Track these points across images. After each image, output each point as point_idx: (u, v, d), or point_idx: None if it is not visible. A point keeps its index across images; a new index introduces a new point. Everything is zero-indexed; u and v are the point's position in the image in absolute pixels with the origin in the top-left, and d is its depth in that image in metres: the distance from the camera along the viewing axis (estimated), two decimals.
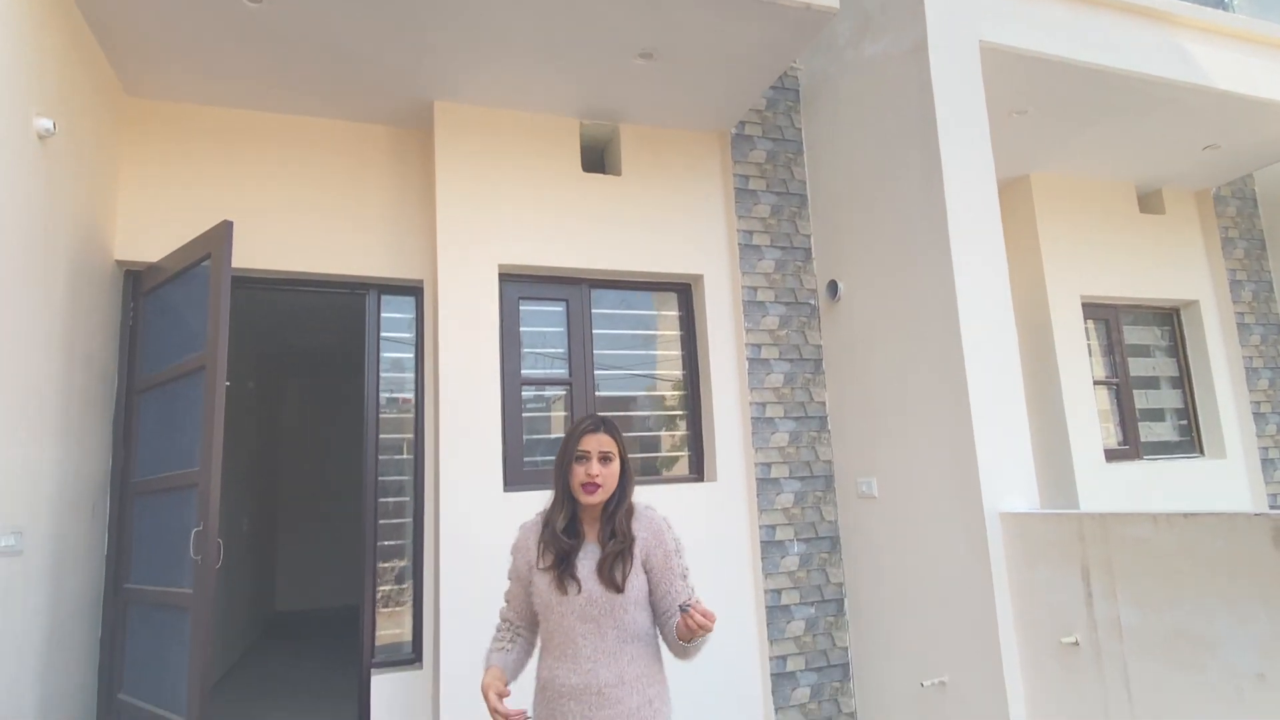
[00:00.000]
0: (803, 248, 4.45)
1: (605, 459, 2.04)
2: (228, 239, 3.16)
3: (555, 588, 1.99)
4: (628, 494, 2.10)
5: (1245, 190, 5.97)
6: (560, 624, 1.99)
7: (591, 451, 2.04)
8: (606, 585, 1.96)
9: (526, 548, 2.12)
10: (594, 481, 2.01)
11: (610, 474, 2.04)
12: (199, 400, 3.18)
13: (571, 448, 2.07)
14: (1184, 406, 5.59)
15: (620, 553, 2.00)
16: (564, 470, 2.07)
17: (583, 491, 2.03)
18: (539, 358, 4.15)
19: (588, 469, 2.02)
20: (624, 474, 2.08)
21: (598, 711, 1.94)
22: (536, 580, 2.05)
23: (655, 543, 2.05)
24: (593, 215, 4.13)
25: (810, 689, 4.00)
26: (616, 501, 2.07)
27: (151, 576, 3.38)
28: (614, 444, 2.07)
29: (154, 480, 3.45)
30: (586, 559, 2.01)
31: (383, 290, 4.10)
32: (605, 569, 1.98)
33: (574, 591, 1.97)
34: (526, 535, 2.15)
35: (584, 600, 1.97)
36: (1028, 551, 3.17)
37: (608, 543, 2.02)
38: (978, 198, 3.59)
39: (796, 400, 4.28)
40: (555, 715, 1.98)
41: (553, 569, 2.01)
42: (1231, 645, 2.42)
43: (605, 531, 2.04)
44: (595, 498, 2.03)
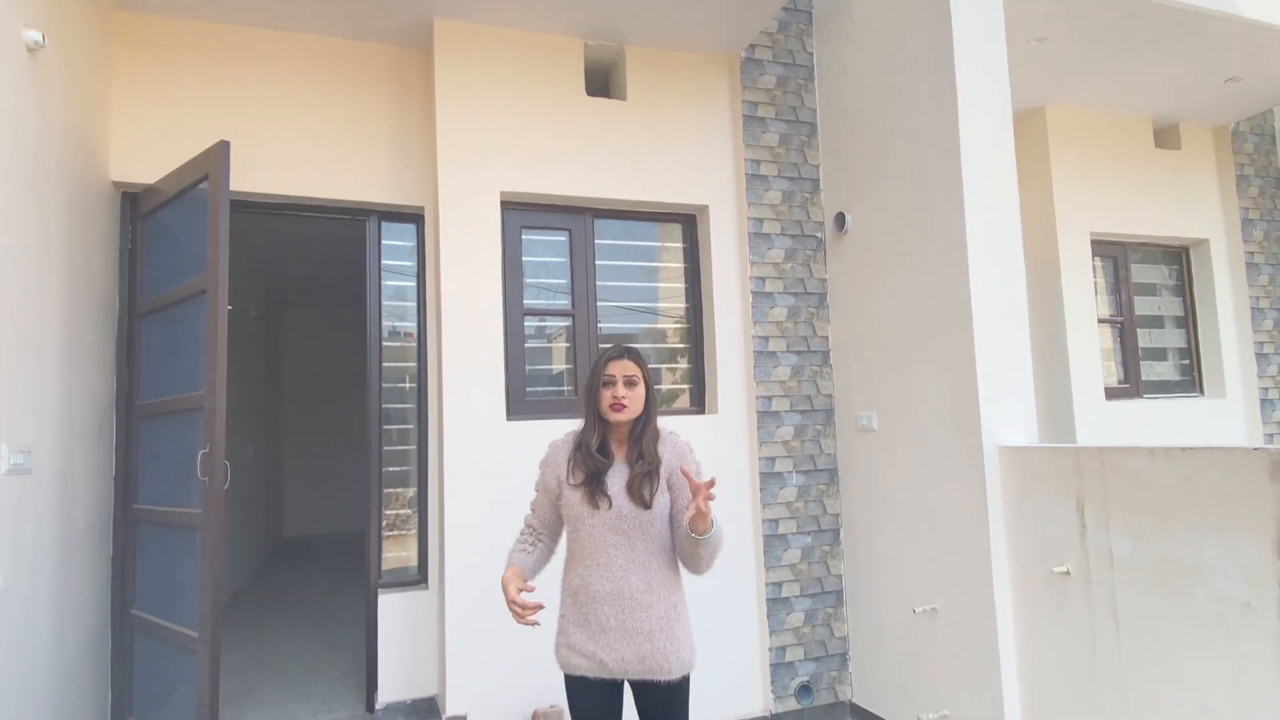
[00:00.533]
0: (811, 178, 4.37)
1: (630, 383, 2.23)
2: (225, 160, 3.10)
3: (587, 503, 2.18)
4: (652, 416, 2.28)
5: (1265, 126, 5.83)
6: (591, 535, 2.19)
7: (617, 376, 2.23)
8: (635, 502, 2.16)
9: (556, 463, 2.29)
10: (620, 403, 2.20)
11: (635, 397, 2.23)
12: (201, 324, 3.18)
13: (599, 374, 2.26)
14: (1187, 346, 5.58)
15: (648, 473, 2.18)
16: (593, 395, 2.26)
17: (610, 412, 2.21)
18: (541, 288, 4.12)
19: (614, 392, 2.21)
20: (648, 397, 2.26)
21: (629, 615, 2.15)
22: (566, 495, 2.23)
23: (678, 464, 2.21)
24: (597, 142, 4.04)
25: (804, 614, 4.11)
26: (643, 424, 2.25)
27: (160, 497, 3.44)
28: (638, 369, 2.25)
29: (159, 403, 3.47)
30: (616, 477, 2.20)
31: (383, 217, 4.04)
32: (634, 487, 2.16)
33: (605, 507, 2.16)
34: (556, 452, 2.32)
35: (614, 515, 2.16)
36: (1023, 484, 3.21)
37: (635, 463, 2.20)
38: (992, 128, 3.50)
39: (799, 334, 4.27)
40: (589, 617, 2.19)
41: (584, 486, 2.19)
42: (1221, 575, 2.46)
43: (633, 453, 2.22)
44: (622, 416, 2.21)
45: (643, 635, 2.15)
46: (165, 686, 3.33)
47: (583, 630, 2.20)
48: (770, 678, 4.01)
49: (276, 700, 4.16)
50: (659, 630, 2.16)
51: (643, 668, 2.15)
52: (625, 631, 2.15)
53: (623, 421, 2.23)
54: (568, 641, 2.24)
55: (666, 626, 2.17)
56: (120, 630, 3.54)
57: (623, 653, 2.15)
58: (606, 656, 2.16)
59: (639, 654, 2.14)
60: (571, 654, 2.22)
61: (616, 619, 2.15)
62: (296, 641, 5.34)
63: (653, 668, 2.15)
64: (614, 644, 2.15)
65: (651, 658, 2.15)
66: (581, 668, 2.20)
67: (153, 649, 3.41)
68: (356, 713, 3.91)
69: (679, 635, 2.20)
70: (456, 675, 3.56)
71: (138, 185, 3.65)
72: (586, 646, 2.18)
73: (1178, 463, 2.58)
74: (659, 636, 2.16)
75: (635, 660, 2.15)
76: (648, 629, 2.15)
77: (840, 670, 4.14)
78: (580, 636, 2.20)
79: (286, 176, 3.77)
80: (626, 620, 2.15)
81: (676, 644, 2.18)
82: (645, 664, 2.15)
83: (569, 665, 2.24)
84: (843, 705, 4.14)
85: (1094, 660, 2.90)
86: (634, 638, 2.15)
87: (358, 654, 4.62)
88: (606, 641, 2.16)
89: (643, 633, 2.15)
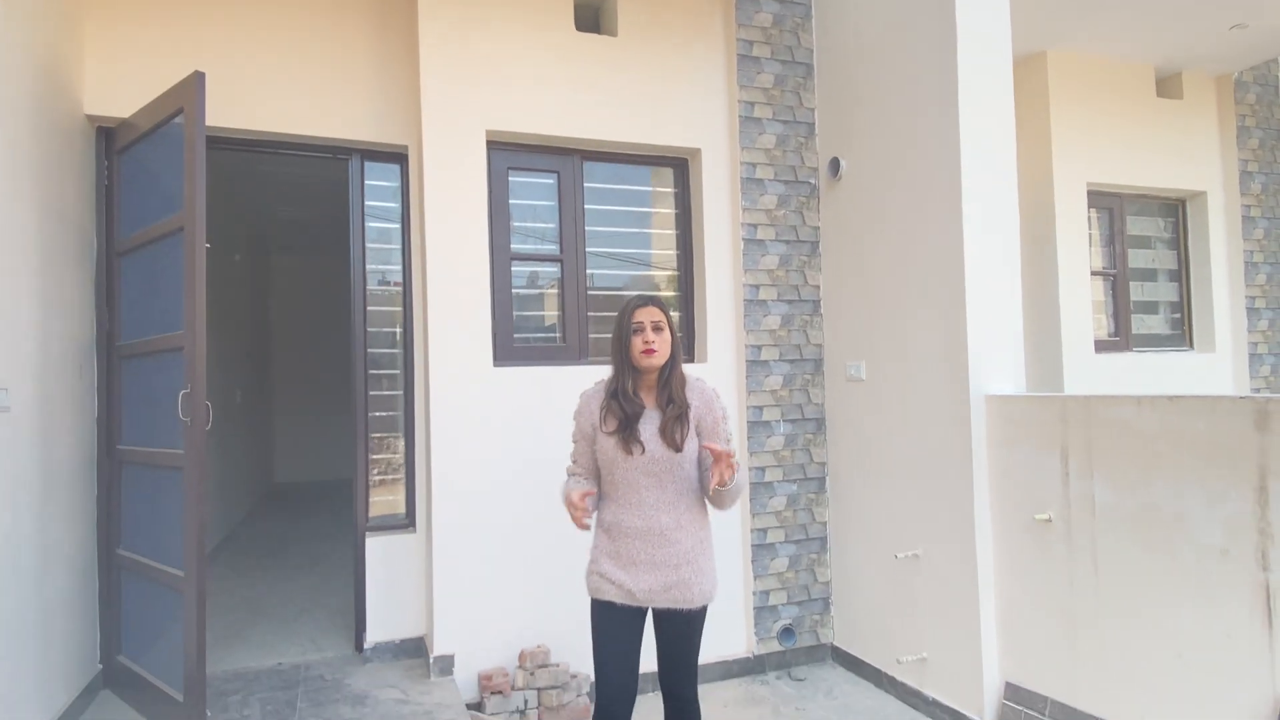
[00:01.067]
0: (806, 122, 4.27)
1: (657, 328, 2.33)
2: (200, 92, 2.99)
3: (621, 448, 2.30)
4: (678, 360, 2.39)
5: (1268, 76, 5.72)
6: (625, 478, 2.32)
7: (645, 322, 2.32)
8: (668, 445, 2.29)
9: (590, 411, 2.40)
10: (651, 347, 2.30)
11: (663, 341, 2.33)
12: (180, 263, 3.11)
13: (626, 322, 2.35)
14: (1179, 299, 5.57)
15: (679, 417, 2.31)
16: (622, 344, 2.35)
17: (642, 357, 2.31)
18: (529, 233, 4.05)
19: (644, 337, 2.31)
20: (673, 343, 2.37)
21: (658, 549, 2.30)
22: (601, 441, 2.35)
23: (706, 410, 2.37)
24: (586, 80, 3.93)
25: (789, 559, 4.15)
26: (669, 368, 2.36)
27: (143, 438, 3.41)
28: (663, 315, 2.36)
29: (140, 343, 3.42)
30: (648, 424, 2.32)
31: (366, 156, 3.94)
32: (667, 431, 2.29)
33: (638, 452, 2.29)
34: (589, 401, 2.42)
35: (647, 459, 2.29)
36: (1009, 433, 3.22)
37: (666, 408, 2.33)
38: (992, 72, 3.41)
39: (791, 283, 4.23)
40: (620, 551, 2.34)
41: (617, 432, 2.31)
42: (1200, 523, 2.48)
43: (663, 397, 2.34)
44: (654, 360, 2.31)
45: (670, 567, 2.30)
46: (154, 626, 3.35)
47: (614, 561, 2.34)
48: (754, 621, 4.07)
49: (266, 641, 4.21)
50: (685, 563, 2.31)
51: (667, 597, 2.31)
52: (654, 564, 2.30)
53: (653, 366, 2.33)
54: (599, 570, 2.38)
55: (692, 560, 2.33)
56: (107, 571, 3.55)
57: (650, 583, 2.30)
58: (634, 586, 2.30)
59: (665, 584, 2.30)
60: (602, 581, 2.36)
61: (646, 553, 2.30)
62: (287, 584, 5.39)
63: (676, 597, 2.31)
64: (642, 575, 2.30)
65: (676, 588, 2.30)
66: (610, 594, 2.34)
67: (140, 589, 3.43)
68: (345, 652, 3.96)
69: (703, 568, 2.35)
70: (444, 616, 3.60)
71: (113, 119, 3.53)
72: (617, 575, 2.33)
73: (1164, 411, 2.58)
74: (684, 568, 2.31)
75: (661, 589, 2.30)
76: (674, 562, 2.30)
77: (823, 614, 4.21)
78: (611, 567, 2.35)
79: (266, 112, 3.66)
80: (655, 554, 2.30)
81: (700, 576, 2.33)
82: (670, 593, 2.31)
83: (598, 591, 2.37)
84: (824, 647, 4.21)
85: (1072, 605, 2.94)
86: (661, 569, 2.30)
87: (347, 597, 4.66)
88: (636, 573, 2.31)
89: (670, 565, 2.30)
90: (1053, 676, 3.03)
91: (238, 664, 3.86)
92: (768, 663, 4.10)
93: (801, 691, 3.87)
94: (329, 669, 3.76)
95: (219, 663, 3.85)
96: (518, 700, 3.52)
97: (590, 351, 4.06)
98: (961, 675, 3.35)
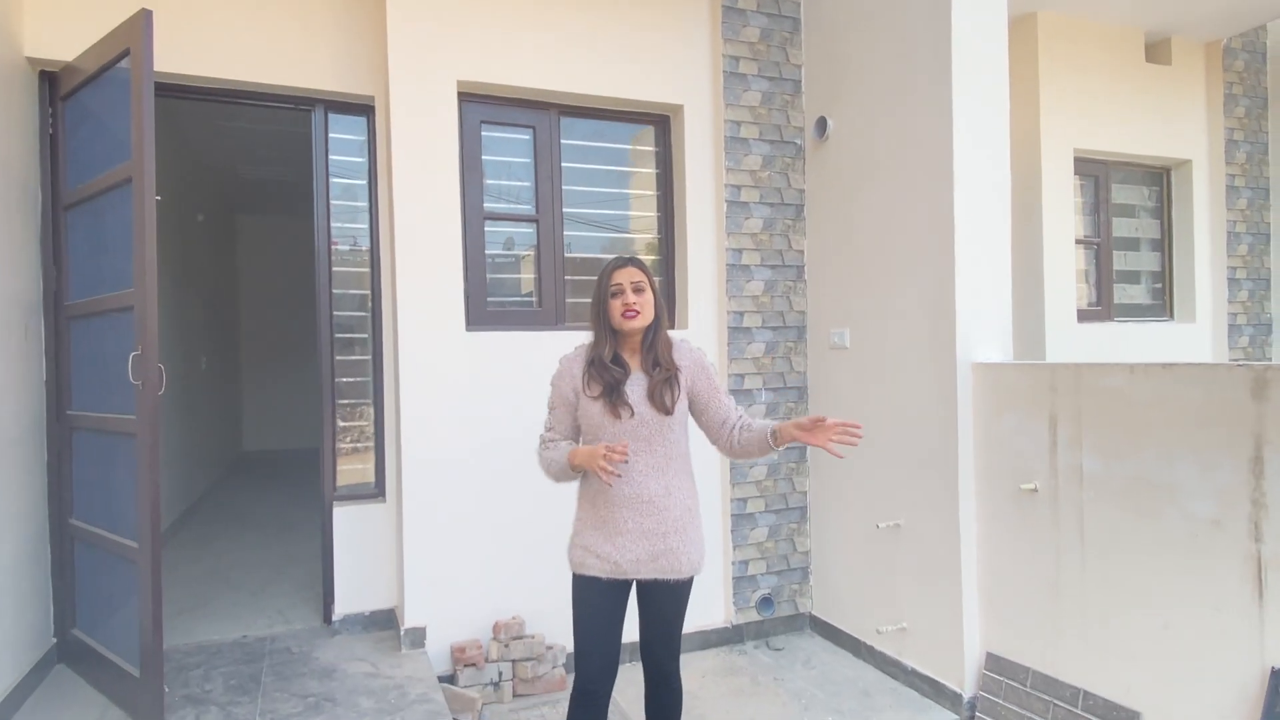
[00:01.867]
0: (792, 79, 4.12)
1: (638, 289, 2.23)
2: (147, 31, 2.77)
3: (608, 413, 2.20)
4: (662, 322, 2.30)
5: (1256, 43, 5.64)
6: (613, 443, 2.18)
7: (624, 284, 2.22)
8: (658, 409, 2.20)
9: (572, 375, 2.29)
10: (632, 309, 2.20)
11: (645, 302, 2.23)
12: (129, 216, 2.91)
13: (605, 284, 2.25)
14: (1160, 269, 5.53)
15: (667, 380, 2.23)
16: (601, 306, 2.26)
17: (624, 320, 2.21)
18: (504, 191, 3.88)
19: (624, 300, 2.21)
20: (656, 304, 2.27)
21: (648, 518, 2.21)
22: (585, 406, 2.25)
23: (698, 370, 2.30)
24: (564, 29, 3.74)
25: (768, 529, 4.09)
26: (654, 330, 2.27)
27: (94, 403, 3.24)
28: (644, 275, 2.25)
29: (89, 302, 3.23)
30: (635, 386, 2.22)
31: (330, 108, 3.73)
32: (656, 394, 2.21)
33: (627, 416, 2.19)
34: (570, 364, 2.31)
35: (636, 422, 2.19)
36: (996, 401, 3.15)
37: (652, 371, 2.23)
38: (986, 30, 3.29)
39: (774, 248, 4.11)
40: (605, 520, 2.23)
41: (603, 397, 2.21)
42: (1191, 493, 2.43)
43: (648, 360, 2.25)
44: (636, 323, 2.22)
45: (658, 536, 2.21)
46: (109, 599, 3.21)
47: (598, 532, 2.25)
48: (733, 590, 4.01)
49: (232, 612, 4.08)
50: (673, 531, 2.23)
51: (655, 566, 2.23)
52: (642, 533, 2.21)
53: (636, 329, 2.24)
54: (583, 543, 2.28)
55: (681, 528, 2.24)
56: (60, 541, 3.38)
57: (637, 553, 2.21)
58: (620, 557, 2.21)
59: (652, 553, 2.21)
60: (586, 554, 2.26)
61: (634, 521, 2.21)
62: (254, 554, 5.25)
63: (664, 567, 2.23)
64: (629, 545, 2.21)
65: (664, 556, 2.22)
66: (594, 568, 2.25)
67: (94, 560, 3.28)
68: (313, 625, 3.85)
69: (692, 537, 2.27)
70: (415, 587, 3.49)
71: (58, 63, 3.30)
72: (602, 548, 2.23)
73: (1158, 380, 2.52)
74: (673, 537, 2.23)
75: (648, 559, 2.22)
76: (663, 530, 2.22)
77: (801, 584, 4.16)
78: (596, 538, 2.25)
79: (221, 58, 3.43)
80: (644, 523, 2.21)
81: (689, 545, 2.26)
82: (658, 562, 2.22)
83: (582, 565, 2.28)
84: (802, 617, 4.18)
85: (1056, 576, 2.90)
86: (649, 538, 2.21)
87: (316, 567, 4.52)
88: (623, 544, 2.21)
89: (658, 534, 2.22)
90: (1035, 647, 3.00)
91: (201, 636, 3.74)
92: (746, 632, 4.05)
93: (779, 661, 3.82)
94: (296, 641, 3.65)
95: (182, 635, 3.72)
96: (491, 672, 3.44)
97: (567, 316, 3.92)
98: (942, 645, 3.32)
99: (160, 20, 3.00)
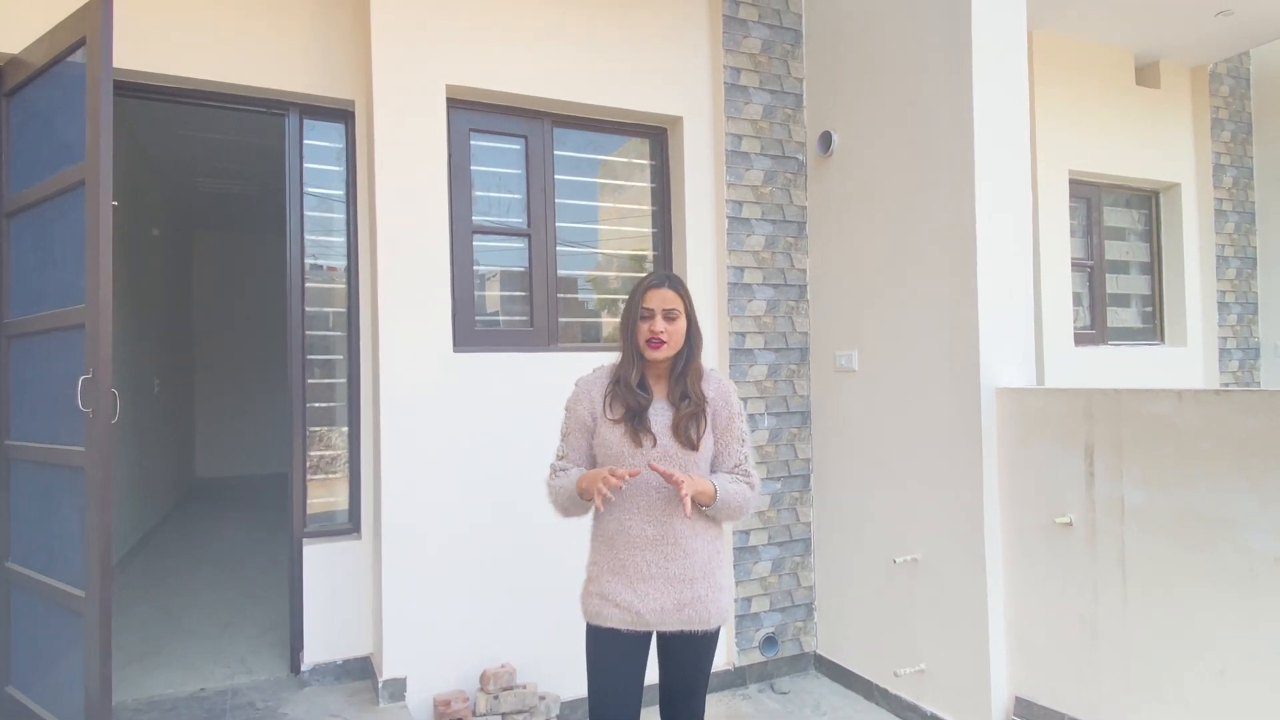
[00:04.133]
0: (794, 93, 3.96)
1: (670, 316, 2.03)
2: (106, 18, 2.50)
3: (629, 441, 2.01)
4: (696, 352, 2.09)
5: (1240, 69, 5.69)
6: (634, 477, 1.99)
7: (655, 309, 2.03)
8: (682, 443, 2.01)
9: (590, 398, 2.10)
10: (659, 338, 2.01)
11: (676, 331, 2.04)
12: (81, 224, 2.61)
13: (636, 304, 2.06)
14: (1151, 293, 5.49)
15: (694, 414, 2.03)
16: (630, 327, 2.07)
17: (648, 348, 2.03)
18: (493, 204, 3.64)
19: (651, 326, 2.02)
20: (691, 331, 2.07)
21: (672, 561, 1.99)
22: (604, 432, 2.05)
23: (722, 404, 2.10)
24: (559, 34, 3.53)
25: (772, 563, 3.87)
26: (685, 360, 2.07)
27: (36, 432, 2.90)
28: (680, 300, 2.05)
29: (33, 320, 2.90)
30: (659, 416, 2.04)
31: (305, 112, 3.46)
32: (681, 428, 2.01)
33: (649, 445, 2.00)
34: (589, 387, 2.12)
35: (659, 454, 2.00)
36: (1023, 429, 2.98)
37: (679, 402, 2.04)
38: (1006, 39, 3.17)
39: (777, 266, 3.92)
40: (626, 564, 2.01)
41: (624, 422, 2.03)
42: (1250, 527, 2.27)
43: (676, 391, 2.06)
44: (661, 354, 2.03)
45: (685, 582, 2.00)
46: (50, 652, 2.86)
47: (618, 578, 2.02)
48: (735, 630, 3.77)
49: (187, 660, 3.71)
50: (701, 577, 2.02)
51: (681, 617, 2.01)
52: (667, 579, 2.00)
53: (661, 359, 2.05)
54: (600, 590, 2.05)
55: (709, 573, 2.04)
56: None
57: (662, 602, 1.99)
58: (644, 607, 1.99)
59: (678, 602, 2.00)
60: (604, 604, 2.03)
61: (658, 565, 2.00)
62: (211, 593, 4.86)
63: (691, 617, 2.01)
64: (653, 593, 1.99)
65: (691, 605, 2.00)
66: (614, 619, 2.02)
67: (33, 609, 2.92)
68: (279, 675, 3.50)
69: (721, 582, 2.07)
70: (394, 633, 3.19)
71: (2, 56, 2.99)
72: (622, 596, 2.01)
73: (1209, 406, 2.36)
74: (700, 583, 2.01)
75: (674, 609, 2.00)
76: (690, 576, 2.00)
77: (805, 621, 3.94)
78: (615, 585, 2.02)
79: (187, 55, 3.15)
80: (669, 567, 1.99)
81: (718, 591, 2.05)
82: (684, 613, 2.00)
83: (599, 616, 2.05)
84: (806, 656, 3.95)
85: (1094, 615, 2.72)
86: (675, 585, 2.00)
87: (280, 608, 4.18)
88: (645, 590, 1.99)
89: (685, 579, 2.00)
90: (1070, 691, 2.81)
91: (153, 690, 3.37)
92: (749, 674, 3.81)
93: (787, 706, 3.58)
94: (261, 694, 3.30)
95: (131, 689, 3.35)
96: None
97: (560, 337, 3.68)
98: (965, 688, 3.11)
99: (118, 11, 2.72)
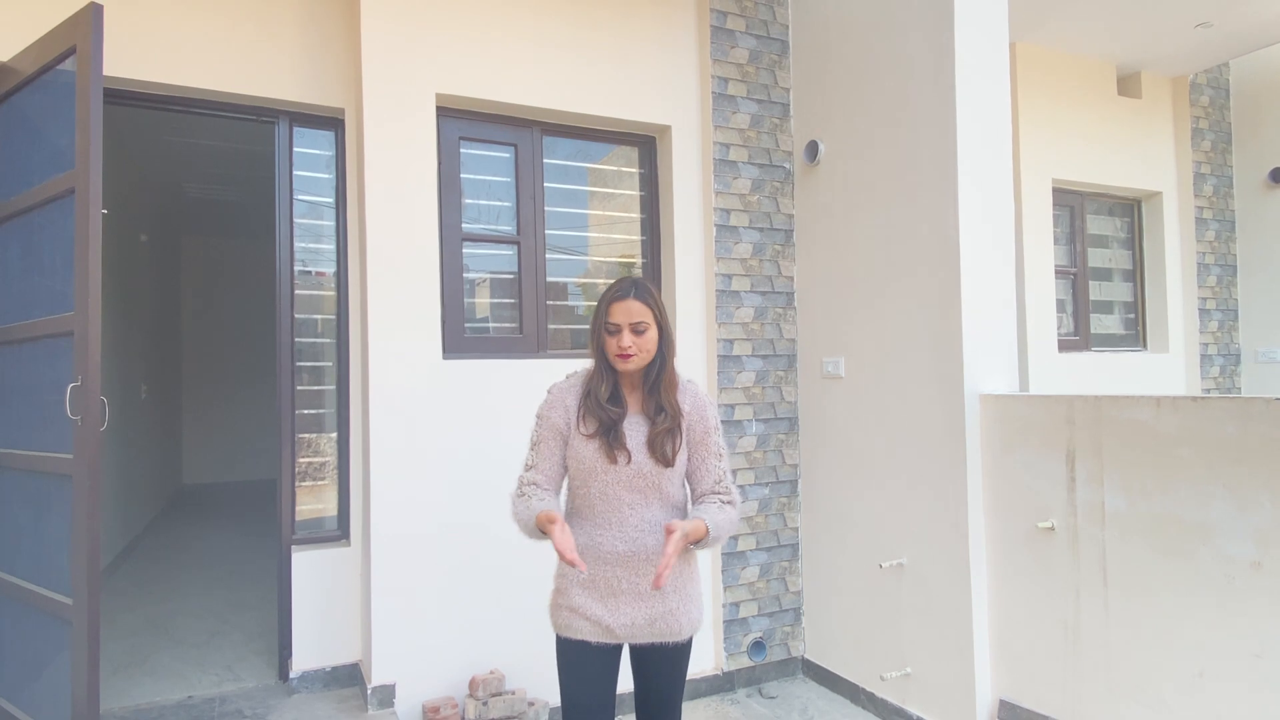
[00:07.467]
0: (781, 102, 4.00)
1: (638, 330, 1.95)
2: (96, 27, 2.51)
3: (603, 456, 1.96)
4: (669, 361, 2.02)
5: (1220, 80, 5.78)
6: (605, 492, 1.98)
7: (622, 324, 1.95)
8: (657, 459, 1.96)
9: (565, 407, 2.03)
10: (626, 353, 1.94)
11: (646, 342, 1.96)
12: (70, 232, 2.61)
13: (601, 317, 1.99)
14: (1133, 300, 5.56)
15: (670, 430, 1.97)
16: (598, 340, 2.00)
17: (618, 360, 1.96)
18: (483, 211, 3.66)
19: (619, 341, 1.94)
20: (663, 340, 2.00)
21: (643, 577, 1.96)
22: (577, 445, 1.99)
23: (698, 417, 2.04)
24: (548, 44, 3.56)
25: (760, 568, 3.89)
26: (658, 369, 2.00)
27: (21, 440, 2.89)
28: (648, 311, 1.96)
29: (19, 327, 2.90)
30: (634, 431, 1.98)
31: (295, 120, 3.46)
32: (657, 444, 1.96)
33: (624, 462, 1.95)
34: (562, 395, 2.05)
35: (632, 471, 1.95)
36: (1006, 435, 3.02)
37: (655, 416, 1.98)
38: (988, 49, 3.22)
39: (764, 274, 3.96)
40: (596, 579, 1.98)
41: (598, 437, 1.97)
42: (1228, 533, 2.31)
43: (650, 404, 2.00)
44: (631, 365, 1.96)
45: (656, 597, 1.97)
46: (35, 661, 2.85)
47: (588, 592, 1.98)
48: (723, 635, 3.79)
49: (175, 669, 3.69)
50: (672, 591, 1.99)
51: (652, 630, 1.99)
52: (637, 594, 1.97)
53: (632, 370, 1.99)
54: (569, 603, 2.01)
55: (680, 587, 2.01)
56: None
57: (633, 616, 1.97)
58: (614, 621, 1.97)
59: (649, 616, 1.98)
60: (574, 617, 2.00)
61: (629, 581, 1.96)
62: (198, 601, 4.83)
63: (662, 630, 1.99)
64: (624, 608, 1.97)
65: (663, 619, 1.98)
66: (584, 631, 1.99)
67: (17, 618, 2.90)
68: (268, 682, 3.50)
69: (691, 595, 2.05)
70: (383, 640, 3.19)
71: None
72: (592, 610, 1.98)
73: (1187, 413, 2.41)
74: (672, 597, 1.99)
75: (645, 623, 1.98)
76: (662, 590, 1.97)
77: (793, 626, 3.96)
78: (585, 599, 1.99)
79: (177, 63, 3.15)
80: (640, 582, 1.96)
81: (688, 604, 2.03)
82: (655, 626, 1.98)
83: (568, 628, 2.01)
84: (794, 661, 3.97)
85: (1076, 619, 2.75)
86: (646, 600, 1.97)
87: (269, 616, 4.17)
88: (616, 605, 1.97)
89: (656, 595, 1.97)
90: (1053, 694, 2.84)
91: (140, 698, 3.35)
92: (737, 679, 3.83)
93: (776, 711, 3.60)
94: (249, 702, 3.29)
95: (117, 697, 3.33)
96: None
97: (550, 344, 3.70)
98: (950, 692, 3.14)
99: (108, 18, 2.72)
